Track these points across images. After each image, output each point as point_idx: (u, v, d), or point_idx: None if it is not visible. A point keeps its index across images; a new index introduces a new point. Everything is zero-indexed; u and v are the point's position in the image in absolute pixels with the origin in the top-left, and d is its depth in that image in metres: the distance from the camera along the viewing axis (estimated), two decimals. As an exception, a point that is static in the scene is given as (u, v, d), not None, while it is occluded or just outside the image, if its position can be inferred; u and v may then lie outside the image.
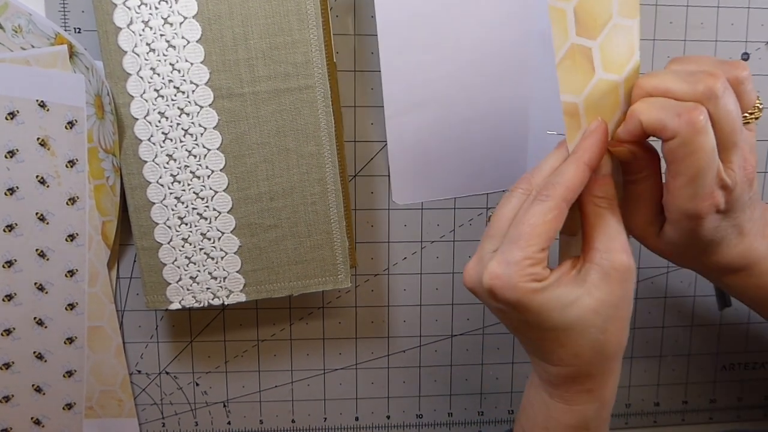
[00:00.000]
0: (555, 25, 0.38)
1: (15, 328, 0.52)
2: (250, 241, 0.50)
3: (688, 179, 0.34)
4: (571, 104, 0.38)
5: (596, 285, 0.36)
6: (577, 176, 0.36)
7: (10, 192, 0.49)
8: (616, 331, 0.37)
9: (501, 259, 0.36)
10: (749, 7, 0.55)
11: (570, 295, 0.36)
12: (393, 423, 0.60)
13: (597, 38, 0.38)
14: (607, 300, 0.36)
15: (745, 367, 0.62)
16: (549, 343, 0.37)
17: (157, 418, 0.58)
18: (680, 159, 0.34)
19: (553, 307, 0.36)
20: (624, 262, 0.37)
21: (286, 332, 0.57)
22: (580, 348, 0.37)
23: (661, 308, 0.60)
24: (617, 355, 0.39)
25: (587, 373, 0.38)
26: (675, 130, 0.34)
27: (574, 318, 0.36)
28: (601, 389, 0.39)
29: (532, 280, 0.35)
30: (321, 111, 0.49)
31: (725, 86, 0.34)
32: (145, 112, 0.48)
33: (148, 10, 0.46)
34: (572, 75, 0.38)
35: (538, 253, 0.36)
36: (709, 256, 0.39)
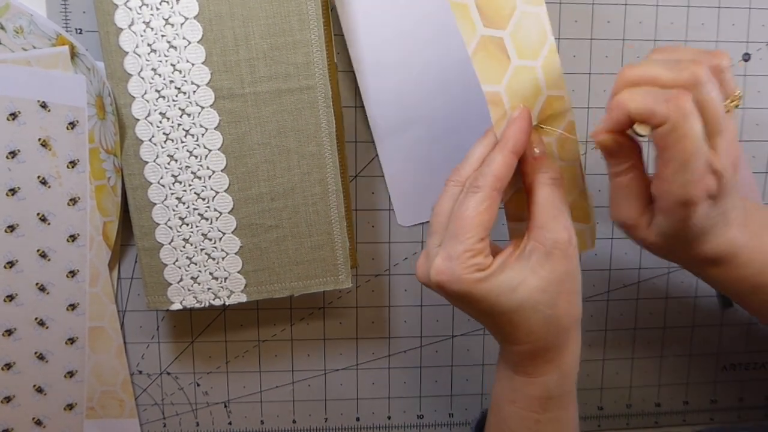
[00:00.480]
0: (460, 20, 0.39)
1: (16, 329, 0.52)
2: (251, 242, 0.50)
3: (680, 165, 0.35)
4: (493, 93, 0.40)
5: (540, 264, 0.38)
6: (504, 164, 0.38)
7: (11, 192, 0.49)
8: (565, 305, 0.39)
9: (444, 255, 0.38)
10: (750, 8, 0.55)
11: (515, 279, 0.38)
12: (394, 423, 0.60)
13: (506, 28, 0.39)
14: (552, 277, 0.38)
15: (746, 368, 0.62)
16: (504, 325, 0.39)
17: (158, 418, 0.58)
18: (671, 145, 0.35)
19: (500, 293, 0.37)
20: (564, 239, 0.38)
21: (287, 332, 0.57)
22: (533, 326, 0.38)
23: (662, 309, 0.60)
24: (571, 326, 0.40)
25: (544, 347, 0.39)
26: (664, 115, 0.34)
27: (522, 299, 0.38)
28: (561, 359, 0.40)
29: (475, 270, 0.37)
30: (322, 111, 0.49)
31: (708, 74, 0.35)
32: (146, 112, 0.48)
33: (149, 11, 0.46)
34: (488, 65, 0.39)
35: (477, 243, 0.37)
36: (697, 246, 0.39)
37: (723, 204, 0.37)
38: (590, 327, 0.59)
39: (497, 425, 0.44)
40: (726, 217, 0.38)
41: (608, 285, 0.59)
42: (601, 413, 0.61)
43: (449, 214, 0.39)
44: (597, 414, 0.61)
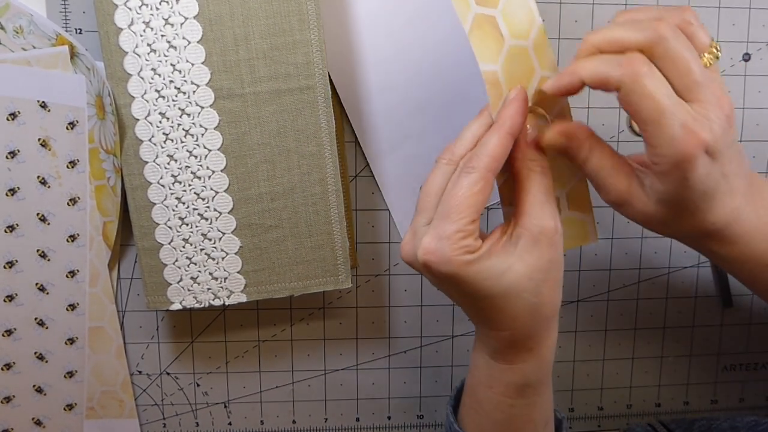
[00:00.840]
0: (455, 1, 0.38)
1: (16, 329, 0.52)
2: (250, 242, 0.50)
3: (655, 125, 0.34)
4: (491, 73, 0.39)
5: (527, 250, 0.37)
6: (500, 145, 0.37)
7: (11, 192, 0.49)
8: (549, 293, 0.38)
9: (434, 234, 0.37)
10: (750, 8, 0.55)
11: (502, 264, 0.37)
12: (394, 424, 0.60)
13: (498, 6, 0.39)
14: (538, 264, 0.38)
15: (746, 368, 0.62)
16: (487, 310, 0.38)
17: (158, 418, 0.58)
18: (636, 107, 0.34)
19: (487, 277, 0.37)
20: (551, 227, 0.38)
21: (287, 333, 0.57)
22: (517, 312, 0.38)
23: (662, 309, 0.60)
24: (552, 315, 0.40)
25: (526, 334, 0.39)
26: (618, 79, 0.34)
27: (507, 285, 0.37)
28: (540, 348, 0.40)
29: (464, 252, 0.36)
30: (322, 111, 0.49)
31: (673, 28, 0.34)
32: (146, 112, 0.48)
33: (149, 11, 0.46)
34: (485, 43, 0.39)
35: (468, 225, 0.36)
36: (702, 214, 0.37)
37: (722, 162, 0.36)
38: (590, 327, 0.59)
39: (472, 407, 0.43)
40: (729, 182, 0.36)
41: (608, 285, 0.59)
42: (601, 413, 0.61)
43: (440, 192, 0.38)
44: (597, 414, 0.61)
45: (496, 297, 0.38)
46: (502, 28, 0.39)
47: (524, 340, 0.39)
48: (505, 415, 0.42)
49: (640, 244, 0.58)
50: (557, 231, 0.38)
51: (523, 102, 0.38)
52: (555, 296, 0.39)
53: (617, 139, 0.56)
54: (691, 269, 0.59)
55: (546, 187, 0.39)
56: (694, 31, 0.36)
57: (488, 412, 0.42)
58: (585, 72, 0.35)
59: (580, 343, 0.59)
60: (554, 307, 0.40)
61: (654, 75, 0.34)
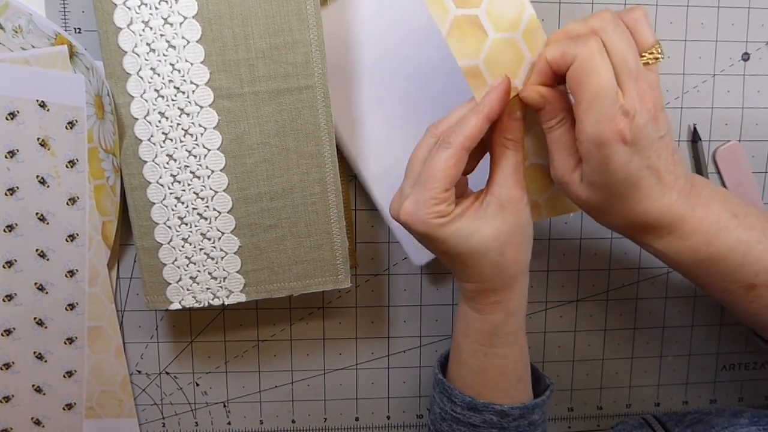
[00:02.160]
0: (432, 8, 0.42)
1: (15, 329, 0.52)
2: (250, 241, 0.50)
3: (589, 103, 0.37)
4: (471, 67, 0.43)
5: (494, 215, 0.42)
6: (476, 127, 0.41)
7: (10, 192, 0.49)
8: (512, 254, 0.43)
9: (413, 199, 0.42)
10: (749, 7, 0.55)
11: (471, 226, 0.42)
12: (393, 423, 0.60)
13: (480, 5, 0.42)
14: (503, 228, 0.42)
15: (745, 367, 0.62)
16: (459, 264, 0.44)
17: (157, 418, 0.58)
18: (580, 80, 0.37)
19: (456, 237, 0.42)
20: (517, 195, 0.42)
21: (286, 332, 0.57)
22: (484, 268, 0.43)
23: (661, 308, 0.60)
24: (517, 273, 0.44)
25: (492, 288, 0.44)
26: (573, 53, 0.37)
27: (475, 244, 0.42)
28: (507, 301, 0.45)
29: (437, 216, 0.42)
30: (321, 111, 0.49)
31: (616, 22, 0.38)
32: (145, 112, 0.48)
33: (148, 10, 0.46)
34: (464, 42, 0.42)
35: (442, 193, 0.41)
36: (631, 204, 0.40)
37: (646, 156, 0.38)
38: (590, 327, 0.59)
39: (454, 357, 0.49)
40: (658, 175, 0.39)
41: (608, 285, 0.59)
42: (601, 413, 0.61)
43: (423, 161, 0.43)
44: (596, 413, 0.61)
45: (465, 254, 0.43)
46: (485, 25, 0.42)
47: (491, 293, 0.45)
48: (479, 364, 0.47)
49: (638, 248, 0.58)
50: (522, 200, 0.43)
51: (504, 92, 0.41)
52: (519, 257, 0.44)
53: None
54: (690, 269, 0.59)
55: (516, 162, 0.43)
56: (640, 28, 0.39)
57: (465, 360, 0.48)
58: (548, 53, 0.39)
59: (579, 343, 0.59)
60: (518, 266, 0.44)
61: (604, 57, 0.37)
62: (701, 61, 0.56)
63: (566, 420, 0.61)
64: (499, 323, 0.45)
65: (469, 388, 0.48)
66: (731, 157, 0.57)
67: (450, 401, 0.48)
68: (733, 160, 0.57)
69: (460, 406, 0.48)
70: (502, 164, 0.43)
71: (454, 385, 0.48)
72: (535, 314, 0.59)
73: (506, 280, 0.44)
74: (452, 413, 0.48)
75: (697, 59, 0.55)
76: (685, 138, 0.57)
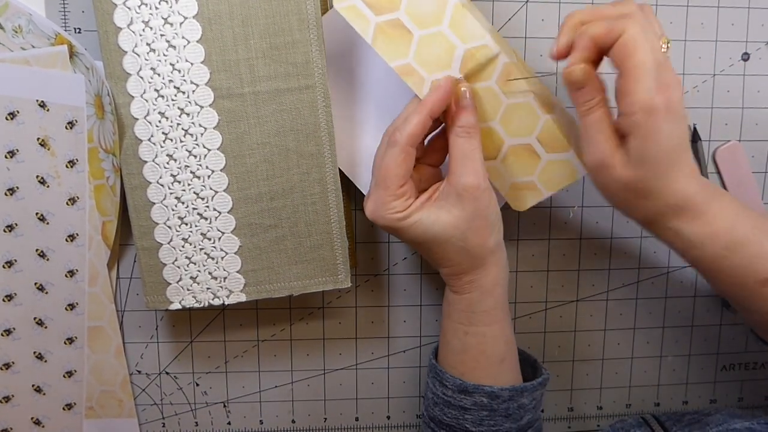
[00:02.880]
0: (352, 20, 0.44)
1: (15, 328, 0.52)
2: (250, 241, 0.50)
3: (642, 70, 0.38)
4: (404, 66, 0.45)
5: (453, 204, 0.44)
6: (419, 124, 0.43)
7: (10, 192, 0.49)
8: (475, 238, 0.45)
9: (373, 198, 0.45)
10: (749, 8, 0.55)
11: (431, 216, 0.45)
12: (393, 423, 0.60)
13: (400, 8, 0.44)
14: (463, 215, 0.44)
15: (745, 368, 0.62)
16: (427, 252, 0.47)
17: (157, 418, 0.58)
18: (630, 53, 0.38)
19: (418, 227, 0.45)
20: (472, 183, 0.44)
21: (286, 332, 0.57)
22: (449, 254, 0.46)
23: (661, 308, 0.60)
24: (485, 254, 0.46)
25: (462, 270, 0.47)
26: (621, 28, 0.38)
27: (436, 233, 0.45)
28: (481, 279, 0.47)
29: (395, 212, 0.44)
30: (321, 111, 0.49)
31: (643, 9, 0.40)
32: (145, 112, 0.48)
33: (148, 10, 0.46)
34: (391, 46, 0.45)
35: (396, 190, 0.44)
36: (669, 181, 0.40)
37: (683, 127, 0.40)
38: (590, 327, 0.59)
39: (440, 340, 0.51)
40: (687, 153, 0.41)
41: (608, 285, 0.59)
42: (601, 412, 0.61)
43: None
44: (596, 413, 0.61)
45: (429, 243, 0.45)
46: (408, 25, 0.44)
47: (462, 274, 0.47)
48: (460, 343, 0.49)
49: (639, 244, 0.58)
50: (479, 187, 0.44)
51: (445, 92, 0.44)
52: (482, 240, 0.46)
53: (616, 139, 0.56)
54: (690, 269, 0.59)
55: (468, 149, 0.44)
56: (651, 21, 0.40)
57: (449, 340, 0.50)
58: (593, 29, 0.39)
59: (579, 343, 0.59)
60: (483, 249, 0.46)
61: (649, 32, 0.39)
62: (701, 61, 0.56)
63: (566, 420, 0.61)
64: (475, 301, 0.47)
65: (454, 368, 0.49)
66: (731, 157, 0.57)
67: (441, 385, 0.49)
68: (733, 160, 0.57)
69: (451, 389, 0.49)
70: (455, 153, 0.44)
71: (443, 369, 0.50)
72: (535, 314, 0.59)
73: (474, 261, 0.46)
74: (443, 397, 0.49)
75: (697, 59, 0.55)
76: (685, 138, 0.57)
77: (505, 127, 0.47)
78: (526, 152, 0.47)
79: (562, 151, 0.47)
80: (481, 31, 0.44)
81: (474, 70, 0.45)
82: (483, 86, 0.46)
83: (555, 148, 0.47)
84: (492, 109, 0.46)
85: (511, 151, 0.47)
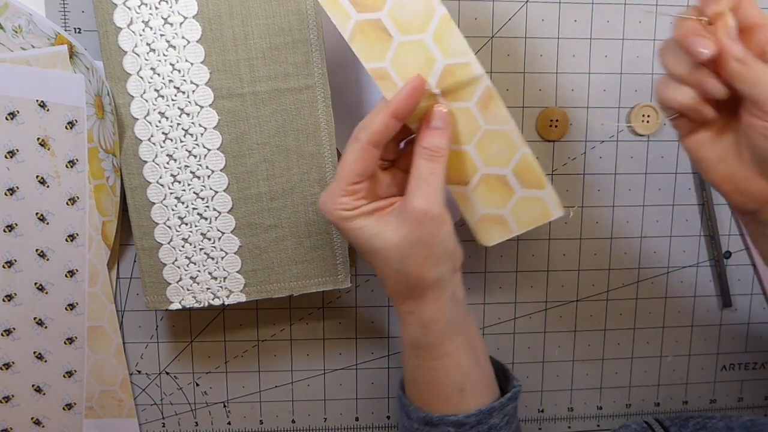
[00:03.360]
0: (332, 13, 0.42)
1: (15, 328, 0.52)
2: (250, 241, 0.50)
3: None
4: (378, 69, 0.43)
5: (399, 223, 0.42)
6: (382, 124, 0.41)
7: (10, 192, 0.49)
8: (414, 266, 0.43)
9: (327, 190, 0.43)
10: (749, 7, 0.55)
11: (376, 228, 0.43)
12: (393, 423, 0.60)
13: (383, 9, 0.42)
14: (406, 238, 0.42)
15: (745, 368, 0.62)
16: (369, 262, 0.45)
17: (157, 418, 0.58)
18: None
19: (360, 233, 0.43)
20: (421, 207, 0.41)
21: (286, 332, 0.57)
22: (387, 272, 0.44)
23: (661, 308, 0.60)
24: (423, 286, 0.44)
25: (400, 294, 0.45)
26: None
27: (378, 247, 0.43)
28: (419, 313, 0.44)
29: (342, 208, 0.42)
30: (321, 111, 0.49)
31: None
32: (145, 112, 0.48)
33: (148, 10, 0.46)
34: (368, 46, 0.43)
35: (348, 185, 0.42)
36: None
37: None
38: (590, 327, 0.59)
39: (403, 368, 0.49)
40: None
41: (607, 284, 0.59)
42: (600, 412, 0.61)
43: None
44: (596, 413, 0.61)
45: (370, 253, 0.43)
46: (389, 28, 0.42)
47: (401, 299, 0.45)
48: (414, 375, 0.47)
49: (639, 244, 0.58)
50: (427, 214, 0.42)
51: (413, 90, 0.42)
52: (421, 270, 0.43)
53: (617, 139, 0.56)
54: (690, 269, 0.59)
55: (427, 173, 0.42)
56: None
57: (406, 369, 0.48)
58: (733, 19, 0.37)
59: (579, 343, 0.59)
60: (420, 279, 0.43)
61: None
62: (701, 61, 0.55)
63: (566, 420, 0.61)
64: (417, 335, 0.45)
65: (416, 398, 0.48)
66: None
67: (408, 417, 0.48)
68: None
69: (417, 422, 0.47)
70: (413, 173, 0.42)
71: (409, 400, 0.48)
72: (535, 314, 0.59)
73: (411, 290, 0.44)
74: (411, 429, 0.48)
75: (697, 59, 0.55)
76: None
77: (480, 153, 0.45)
78: (499, 183, 0.45)
79: (537, 188, 0.45)
80: (466, 48, 0.42)
81: (452, 87, 0.43)
82: (461, 106, 0.44)
83: (530, 184, 0.45)
84: (468, 133, 0.44)
85: (484, 179, 0.45)
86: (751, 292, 0.60)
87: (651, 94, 0.56)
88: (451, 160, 0.44)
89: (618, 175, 0.57)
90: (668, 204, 0.58)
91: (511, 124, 0.44)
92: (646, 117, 0.56)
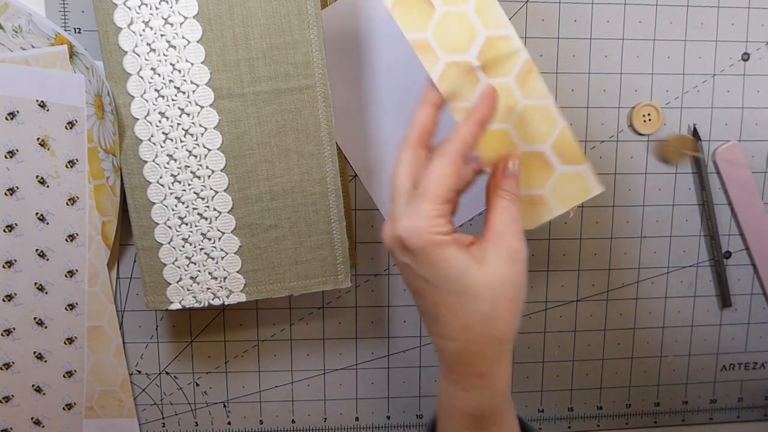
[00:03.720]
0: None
1: (15, 328, 0.52)
2: (250, 241, 0.50)
3: None
4: (420, 40, 0.42)
5: (490, 261, 0.39)
6: (470, 133, 0.41)
7: (10, 192, 0.49)
8: (505, 310, 0.39)
9: (410, 212, 0.39)
10: (749, 7, 0.55)
11: (466, 263, 0.38)
12: (393, 423, 0.60)
13: None
14: (498, 277, 0.38)
15: (745, 368, 0.62)
16: (443, 308, 0.39)
17: (157, 418, 0.58)
18: None
19: (451, 266, 0.38)
20: (516, 246, 0.40)
21: (287, 332, 0.57)
22: (471, 320, 0.38)
23: (661, 308, 0.60)
24: (506, 338, 0.40)
25: (476, 351, 0.39)
26: None
27: (467, 285, 0.38)
28: (492, 376, 0.40)
29: (436, 232, 0.38)
30: (321, 111, 0.49)
31: None
32: (145, 112, 0.48)
33: (148, 10, 0.46)
34: (410, 15, 0.42)
35: (441, 204, 0.38)
36: None
37: None
38: (590, 327, 0.59)
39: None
40: None
41: (608, 285, 0.59)
42: (601, 413, 0.61)
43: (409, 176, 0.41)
44: (596, 414, 0.61)
45: (454, 293, 0.38)
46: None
47: (474, 359, 0.39)
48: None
49: (639, 244, 0.58)
50: (521, 251, 0.40)
51: (492, 99, 0.42)
52: (511, 316, 0.39)
53: (617, 139, 0.56)
54: (689, 269, 0.59)
55: (514, 212, 0.41)
56: None
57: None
58: None
59: (579, 343, 0.60)
60: (509, 328, 0.39)
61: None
62: (701, 61, 0.56)
63: (566, 420, 0.61)
64: (485, 404, 0.40)
65: None
66: (731, 157, 0.57)
67: None
68: (733, 160, 0.57)
69: None
70: (502, 213, 0.41)
71: None
72: (535, 314, 0.59)
73: (494, 344, 0.39)
74: None
75: (697, 59, 0.55)
76: (685, 138, 0.57)
77: (518, 130, 0.44)
78: (538, 161, 0.44)
79: (577, 163, 0.44)
80: (506, 21, 0.42)
81: (492, 60, 0.43)
82: (500, 82, 0.43)
83: (569, 159, 0.44)
84: (507, 109, 0.43)
85: (524, 158, 0.44)
86: (751, 292, 0.60)
87: (651, 94, 0.56)
88: (489, 141, 0.44)
89: (618, 175, 0.57)
90: (668, 204, 0.58)
91: (550, 99, 0.43)
92: (647, 117, 0.56)
